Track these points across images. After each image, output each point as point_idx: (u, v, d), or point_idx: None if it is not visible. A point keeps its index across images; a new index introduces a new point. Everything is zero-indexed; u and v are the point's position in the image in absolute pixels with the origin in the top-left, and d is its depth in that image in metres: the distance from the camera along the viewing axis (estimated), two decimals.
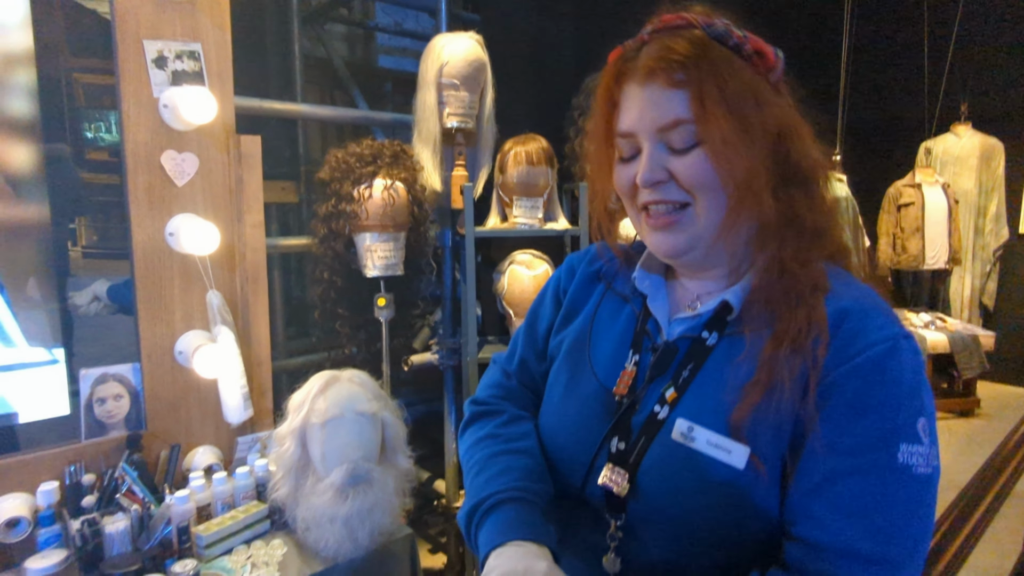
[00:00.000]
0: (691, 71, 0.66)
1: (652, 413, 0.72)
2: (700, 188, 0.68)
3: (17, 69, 1.39)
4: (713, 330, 0.72)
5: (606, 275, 0.88)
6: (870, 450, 0.62)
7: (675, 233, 0.71)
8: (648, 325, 0.79)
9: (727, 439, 0.66)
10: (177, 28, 1.53)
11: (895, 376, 0.63)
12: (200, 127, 1.56)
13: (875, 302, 0.68)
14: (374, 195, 1.85)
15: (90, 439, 1.50)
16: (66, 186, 1.82)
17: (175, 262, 1.57)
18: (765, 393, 0.65)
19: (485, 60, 2.11)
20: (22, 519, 1.36)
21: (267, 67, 2.85)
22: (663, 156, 0.69)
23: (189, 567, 1.33)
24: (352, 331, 1.99)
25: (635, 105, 0.70)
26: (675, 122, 0.67)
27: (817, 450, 0.63)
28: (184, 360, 1.59)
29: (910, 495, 0.61)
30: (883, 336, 0.64)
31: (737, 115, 0.65)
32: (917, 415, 0.63)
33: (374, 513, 1.44)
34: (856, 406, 0.63)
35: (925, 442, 0.63)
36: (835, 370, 0.64)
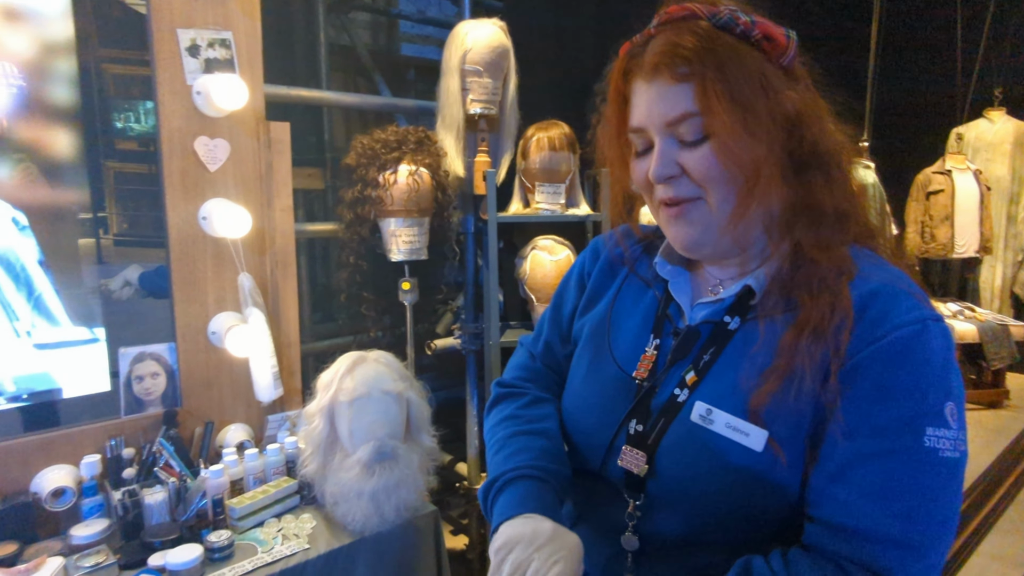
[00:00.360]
0: (695, 64, 0.65)
1: (672, 396, 0.73)
2: (711, 181, 0.68)
3: (58, 58, 1.44)
4: (735, 315, 0.73)
5: (629, 259, 0.89)
6: (895, 433, 0.61)
7: (690, 225, 0.71)
8: (670, 310, 0.80)
9: (745, 422, 0.66)
10: (209, 17, 1.57)
11: (923, 358, 0.62)
12: (231, 114, 1.60)
13: (906, 285, 0.67)
14: (399, 181, 1.89)
15: (129, 415, 1.56)
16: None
17: (208, 245, 1.62)
18: (784, 380, 0.65)
19: (508, 46, 2.12)
20: (67, 489, 1.43)
21: (294, 55, 2.89)
22: (674, 150, 0.69)
23: (224, 537, 1.39)
24: (377, 315, 2.04)
25: (643, 101, 0.70)
26: (683, 116, 0.67)
27: (840, 433, 0.63)
28: (217, 340, 1.65)
29: (936, 479, 0.61)
30: (911, 318, 0.63)
31: (743, 106, 0.65)
32: (945, 398, 0.62)
33: (399, 489, 1.48)
34: (881, 389, 0.62)
35: (953, 426, 0.62)
36: (860, 352, 0.64)
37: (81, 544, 1.37)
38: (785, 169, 0.70)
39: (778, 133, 0.68)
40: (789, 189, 0.70)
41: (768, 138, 0.66)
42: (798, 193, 0.70)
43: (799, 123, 0.69)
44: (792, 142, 0.69)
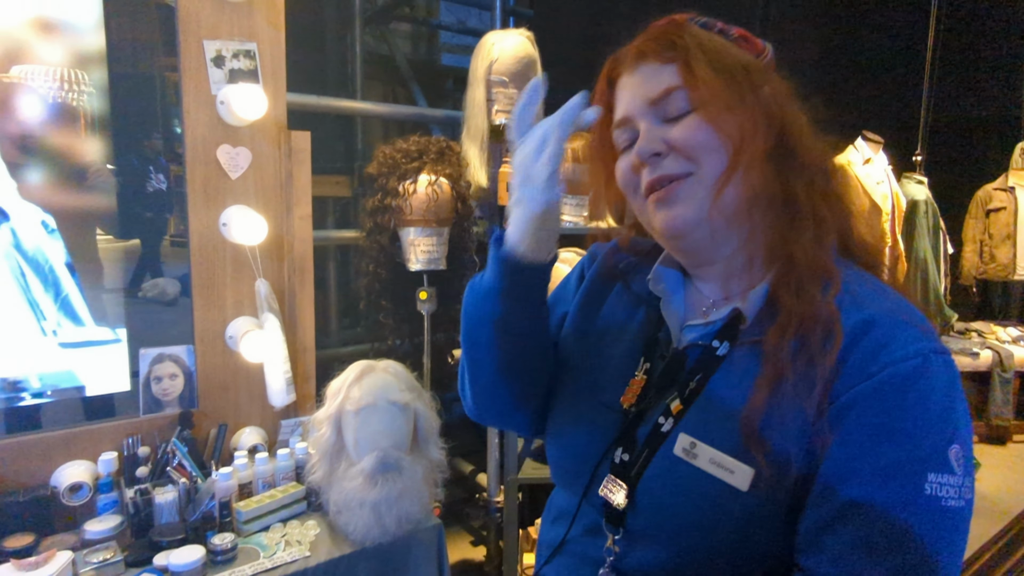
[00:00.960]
0: (679, 48, 0.67)
1: (656, 425, 0.69)
2: (700, 150, 0.66)
3: (93, 67, 1.50)
4: (724, 339, 0.69)
5: (624, 271, 0.86)
6: (893, 479, 0.56)
7: (680, 204, 0.68)
8: (661, 333, 0.76)
9: (730, 458, 0.62)
10: (235, 28, 1.61)
11: (924, 396, 0.57)
12: (253, 123, 1.64)
13: (907, 313, 0.63)
14: (418, 190, 1.89)
15: (147, 414, 1.61)
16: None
17: (227, 251, 1.65)
18: (773, 389, 0.61)
19: (535, 57, 2.11)
20: (84, 484, 1.47)
21: (328, 64, 2.95)
22: (658, 128, 0.68)
23: (228, 540, 1.40)
24: (396, 323, 2.04)
25: (627, 91, 0.71)
26: (666, 91, 0.67)
27: (833, 477, 0.58)
28: (234, 344, 1.68)
29: (937, 531, 0.55)
30: (912, 351, 0.58)
31: (726, 77, 0.66)
32: (949, 441, 0.57)
33: (402, 501, 1.47)
34: (878, 429, 0.57)
35: (958, 472, 0.57)
36: (854, 387, 0.59)
37: (93, 539, 1.40)
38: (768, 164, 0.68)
39: (760, 112, 0.67)
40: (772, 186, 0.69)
41: (751, 111, 0.66)
42: (775, 189, 0.69)
43: (775, 117, 0.68)
44: (772, 133, 0.68)
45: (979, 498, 2.65)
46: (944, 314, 3.96)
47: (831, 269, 0.66)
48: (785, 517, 0.61)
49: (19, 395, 1.50)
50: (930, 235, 3.87)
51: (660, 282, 0.78)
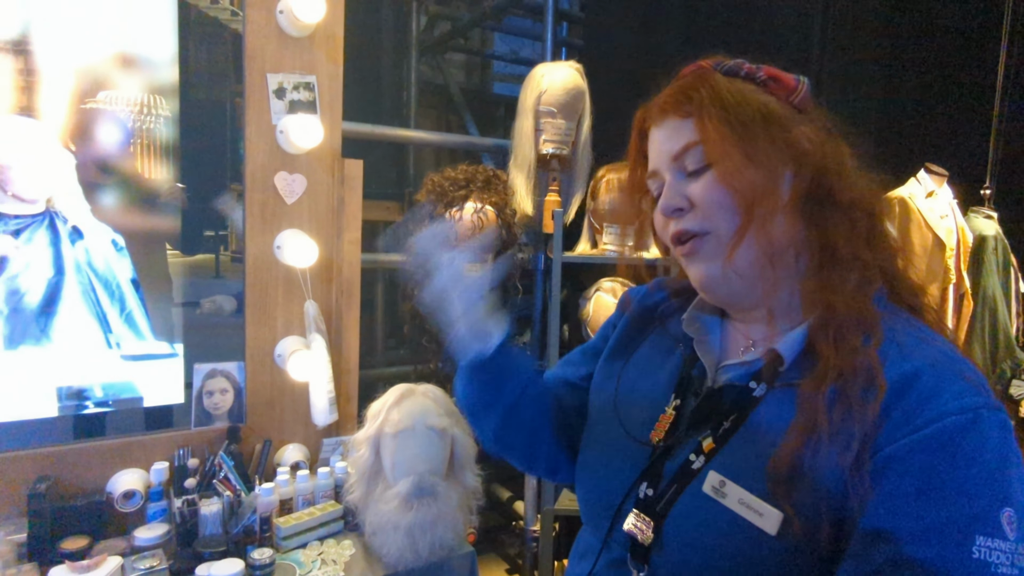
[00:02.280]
0: (695, 101, 0.68)
1: (687, 461, 0.68)
2: (715, 208, 0.67)
3: (165, 98, 1.60)
4: (762, 381, 0.68)
5: (662, 315, 0.86)
6: (939, 540, 0.53)
7: (702, 261, 0.70)
8: (695, 371, 0.76)
9: (759, 500, 0.61)
10: (296, 62, 1.69)
11: (974, 453, 0.54)
12: (310, 151, 1.71)
13: (956, 365, 0.60)
14: (464, 217, 1.93)
15: (198, 427, 1.67)
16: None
17: (280, 273, 1.72)
18: (806, 440, 0.59)
19: (584, 88, 2.13)
20: (136, 492, 1.54)
21: (384, 93, 3.05)
22: (681, 184, 0.70)
23: (267, 555, 1.44)
24: (437, 347, 2.07)
25: (655, 146, 0.73)
26: (685, 147, 0.68)
27: (874, 532, 0.55)
28: (282, 363, 1.74)
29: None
30: (961, 406, 0.56)
31: (741, 132, 0.66)
32: (1002, 504, 0.54)
33: (436, 526, 1.48)
34: (924, 485, 0.54)
35: (1011, 537, 0.53)
36: (898, 440, 0.56)
37: (142, 546, 1.46)
38: (798, 207, 0.67)
39: (781, 164, 0.67)
40: (803, 228, 0.68)
41: (769, 166, 0.66)
42: (812, 234, 0.68)
43: (810, 159, 0.67)
44: (803, 179, 0.67)
45: None
46: (1016, 357, 3.73)
47: (873, 318, 0.64)
48: (817, 567, 0.59)
49: (84, 403, 1.59)
50: (1000, 272, 3.67)
51: (695, 323, 0.78)
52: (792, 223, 0.68)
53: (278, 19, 1.65)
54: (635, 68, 2.65)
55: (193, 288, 2.09)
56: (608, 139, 2.29)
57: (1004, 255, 3.73)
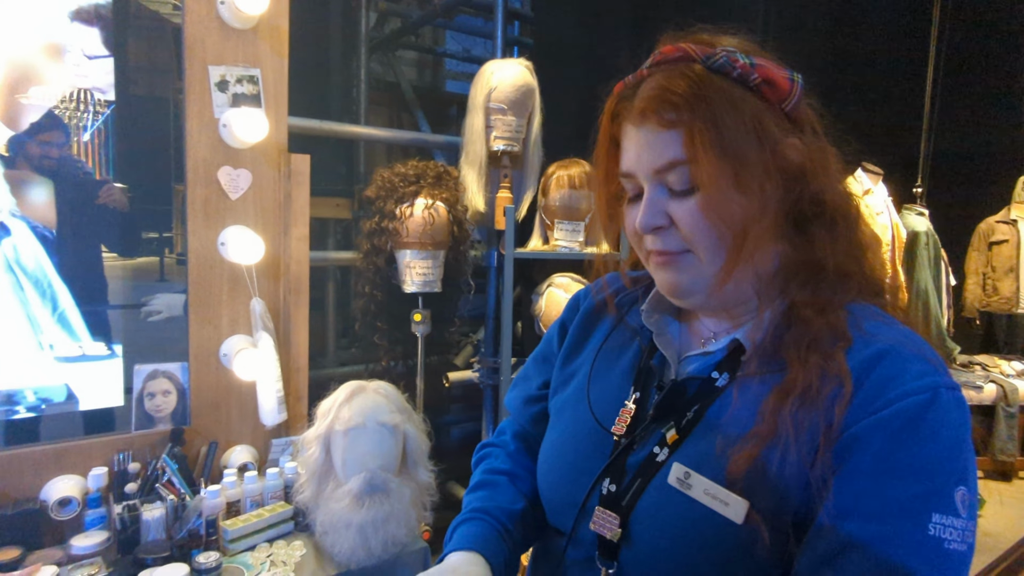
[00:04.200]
0: (684, 112, 0.61)
1: (651, 455, 0.67)
2: (699, 234, 0.63)
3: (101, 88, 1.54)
4: (724, 371, 0.68)
5: (617, 306, 0.84)
6: (896, 518, 0.54)
7: (678, 272, 0.67)
8: (654, 361, 0.75)
9: (725, 490, 0.60)
10: (239, 54, 1.65)
11: (932, 433, 0.55)
12: (255, 145, 1.67)
13: (916, 346, 0.60)
14: (415, 213, 1.92)
15: (139, 430, 1.62)
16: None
17: (225, 270, 1.68)
18: (766, 448, 0.59)
19: (533, 85, 2.15)
20: (73, 499, 1.48)
21: (333, 90, 3.01)
22: (663, 200, 0.65)
23: (212, 559, 1.40)
24: (390, 344, 2.06)
25: (632, 146, 0.67)
26: (670, 164, 0.63)
27: (833, 513, 0.56)
28: (227, 362, 1.69)
29: (936, 573, 0.53)
30: (921, 385, 0.56)
31: (734, 157, 0.61)
32: (957, 482, 0.55)
33: (388, 523, 1.47)
34: (882, 465, 0.55)
35: (963, 515, 0.54)
36: (859, 422, 0.57)
37: (79, 554, 1.41)
38: (783, 224, 0.66)
39: (774, 187, 0.63)
40: (788, 245, 0.66)
41: (761, 193, 0.62)
42: (797, 248, 0.66)
43: (801, 174, 0.64)
44: (792, 195, 0.64)
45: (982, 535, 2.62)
46: (946, 347, 3.94)
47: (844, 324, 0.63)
48: (782, 553, 0.60)
49: (13, 408, 1.52)
50: (931, 267, 3.87)
51: (653, 315, 0.77)
52: (774, 237, 0.66)
53: (219, 9, 1.61)
54: (584, 66, 2.69)
55: (135, 291, 2.02)
56: (558, 136, 2.31)
57: (935, 250, 3.93)
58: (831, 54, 4.18)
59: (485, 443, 0.96)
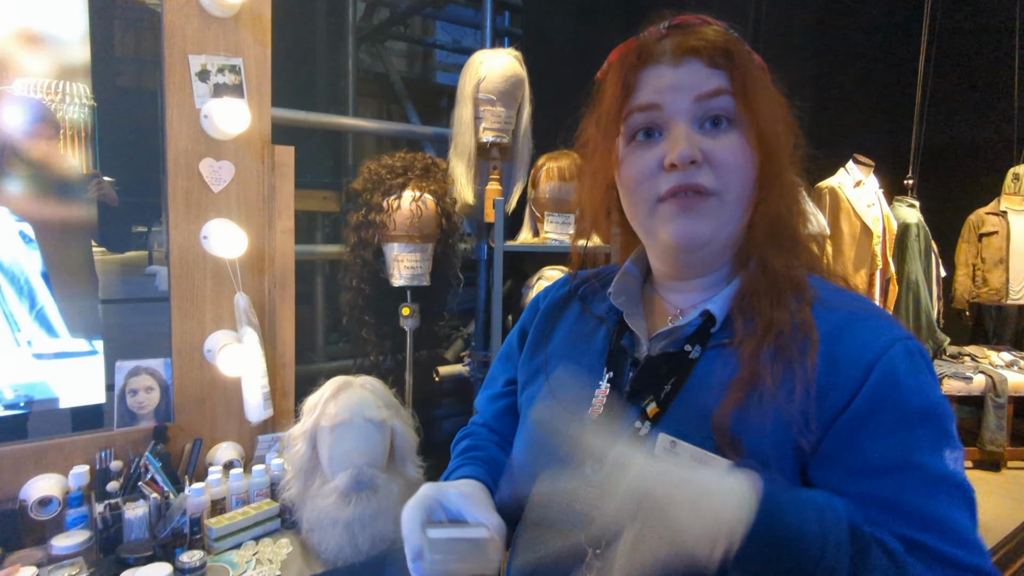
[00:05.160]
0: (730, 57, 0.66)
1: (633, 430, 0.68)
2: (734, 172, 0.65)
3: (75, 80, 1.51)
4: (696, 343, 0.69)
5: (583, 296, 0.85)
6: (925, 460, 0.58)
7: (701, 218, 0.66)
8: (624, 342, 0.76)
9: (711, 454, 0.61)
10: (220, 44, 1.62)
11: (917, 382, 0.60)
12: (237, 137, 1.64)
13: (869, 307, 0.66)
14: (402, 206, 1.89)
15: (121, 428, 1.59)
16: None
17: (208, 264, 1.65)
18: (748, 391, 0.62)
19: (523, 76, 2.12)
20: (53, 499, 1.45)
21: (321, 80, 2.97)
22: (698, 136, 0.65)
23: (196, 558, 1.38)
24: (378, 339, 2.03)
25: (666, 81, 0.66)
26: (716, 91, 0.65)
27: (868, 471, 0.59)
28: (212, 358, 1.66)
29: (967, 501, 0.58)
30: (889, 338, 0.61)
31: (765, 101, 0.66)
32: (947, 417, 0.61)
33: (376, 520, 1.45)
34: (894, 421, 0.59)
35: (959, 445, 0.61)
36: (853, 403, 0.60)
37: (60, 555, 1.38)
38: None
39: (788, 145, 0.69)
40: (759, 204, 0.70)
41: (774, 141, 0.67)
42: (761, 211, 0.70)
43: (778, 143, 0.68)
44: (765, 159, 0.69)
45: None
46: (936, 338, 3.95)
47: (803, 281, 0.68)
48: None
49: None
50: (922, 258, 3.88)
51: (620, 296, 0.78)
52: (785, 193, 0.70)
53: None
54: (575, 57, 2.66)
55: (125, 286, 1.98)
56: (549, 128, 2.29)
57: (926, 242, 3.94)
58: (822, 46, 4.17)
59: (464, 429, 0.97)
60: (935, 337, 3.95)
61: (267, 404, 1.67)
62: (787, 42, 3.76)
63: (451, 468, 0.83)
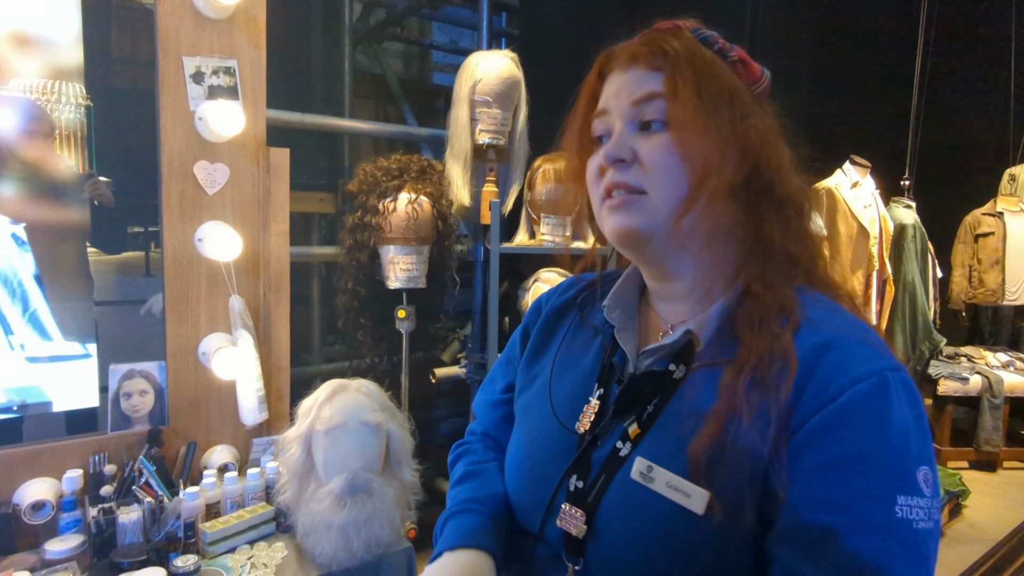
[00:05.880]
0: (671, 59, 0.67)
1: (614, 449, 0.68)
2: (661, 173, 0.65)
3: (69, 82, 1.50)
4: (681, 363, 0.68)
5: (582, 304, 0.85)
6: (864, 505, 0.55)
7: (632, 214, 0.67)
8: (616, 358, 0.75)
9: (686, 481, 0.61)
10: (215, 46, 1.61)
11: (885, 417, 0.57)
12: (232, 139, 1.63)
13: (860, 333, 0.62)
14: (398, 208, 1.89)
15: (115, 431, 1.58)
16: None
17: (202, 267, 1.64)
18: (724, 424, 0.60)
19: (519, 78, 2.12)
20: (47, 503, 1.44)
21: (317, 82, 2.96)
22: (631, 136, 0.68)
23: (191, 562, 1.37)
24: (374, 341, 2.03)
25: (614, 87, 0.70)
26: (649, 95, 0.66)
27: (801, 506, 0.57)
28: (206, 361, 1.66)
29: (910, 555, 0.55)
30: (868, 370, 0.58)
31: (708, 104, 0.65)
32: (917, 463, 0.57)
33: (371, 524, 1.44)
34: (843, 456, 0.56)
35: (927, 494, 0.56)
36: (815, 415, 0.58)
37: (53, 559, 1.37)
38: (738, 193, 0.68)
39: (734, 149, 0.66)
40: (742, 219, 0.69)
41: (724, 145, 0.66)
42: (748, 226, 0.69)
43: (758, 152, 0.67)
44: (747, 170, 0.68)
45: (969, 525, 2.62)
46: (933, 338, 3.96)
47: (792, 304, 0.65)
48: (748, 545, 0.60)
49: None
50: (918, 259, 3.88)
51: (615, 310, 0.77)
52: (729, 210, 0.68)
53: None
54: (572, 59, 2.66)
55: (121, 287, 1.97)
56: (545, 129, 2.28)
57: (922, 243, 3.94)
58: (820, 49, 4.17)
59: (460, 442, 0.95)
60: (931, 338, 3.96)
61: (262, 407, 1.67)
62: (785, 44, 3.76)
63: (450, 511, 0.80)
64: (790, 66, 3.88)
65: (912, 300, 3.85)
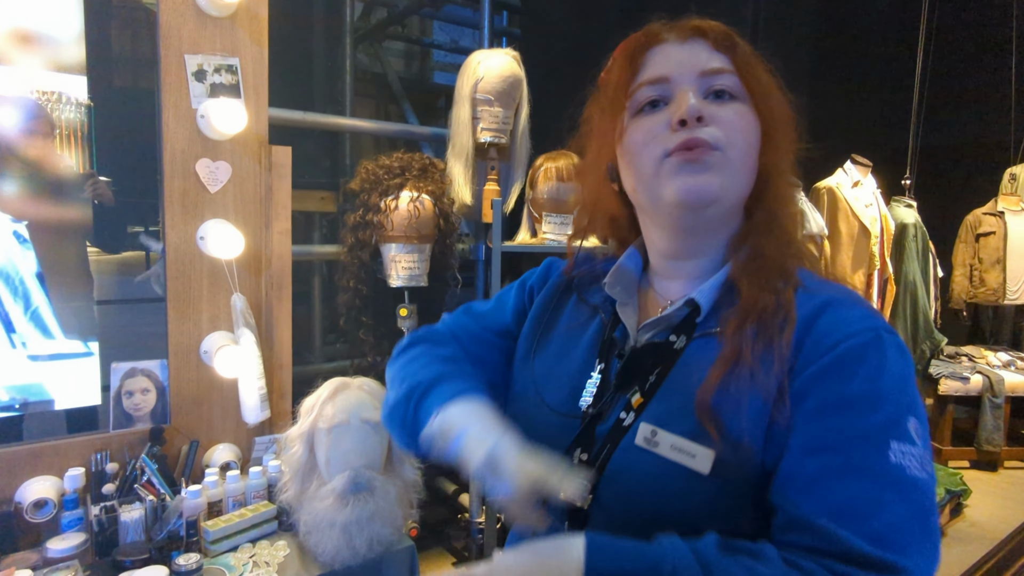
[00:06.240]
0: (735, 44, 0.70)
1: (618, 420, 0.69)
2: (736, 134, 0.67)
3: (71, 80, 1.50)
4: (682, 333, 0.70)
5: (578, 285, 0.85)
6: (858, 447, 0.57)
7: (709, 172, 0.67)
8: (616, 333, 0.76)
9: (690, 442, 0.62)
10: (217, 43, 1.61)
11: (879, 367, 0.59)
12: (234, 137, 1.63)
13: (854, 296, 0.67)
14: (400, 206, 1.89)
15: (117, 430, 1.58)
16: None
17: (204, 265, 1.64)
18: (729, 369, 0.62)
19: (521, 76, 2.12)
20: (49, 501, 1.44)
21: (319, 81, 2.96)
22: (702, 102, 0.68)
23: (192, 560, 1.37)
24: (376, 340, 2.02)
25: (673, 57, 0.70)
26: (720, 69, 0.69)
27: (801, 450, 0.59)
28: (208, 359, 1.66)
29: (904, 497, 0.56)
30: (864, 327, 0.61)
31: (770, 93, 0.70)
32: (907, 412, 0.59)
33: (373, 522, 1.44)
34: (839, 400, 0.59)
35: (919, 444, 0.58)
36: (813, 364, 0.61)
37: (55, 557, 1.37)
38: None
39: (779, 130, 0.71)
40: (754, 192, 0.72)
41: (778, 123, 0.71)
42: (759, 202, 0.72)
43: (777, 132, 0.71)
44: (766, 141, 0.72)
45: (971, 525, 2.62)
46: (934, 338, 3.95)
47: (791, 267, 0.69)
48: (751, 502, 0.61)
49: None
50: (919, 258, 3.88)
51: (616, 287, 0.78)
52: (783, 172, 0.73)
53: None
54: (573, 57, 2.65)
55: (121, 286, 1.97)
56: (547, 128, 2.28)
57: (923, 242, 3.94)
58: (820, 48, 4.17)
59: (414, 336, 0.89)
60: (932, 337, 3.95)
61: (264, 405, 1.66)
62: (785, 43, 3.76)
63: (435, 374, 0.75)
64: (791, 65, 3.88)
65: (913, 299, 3.85)
